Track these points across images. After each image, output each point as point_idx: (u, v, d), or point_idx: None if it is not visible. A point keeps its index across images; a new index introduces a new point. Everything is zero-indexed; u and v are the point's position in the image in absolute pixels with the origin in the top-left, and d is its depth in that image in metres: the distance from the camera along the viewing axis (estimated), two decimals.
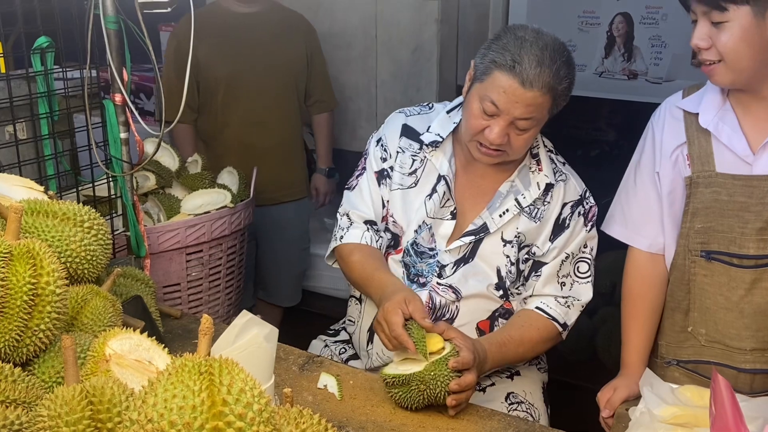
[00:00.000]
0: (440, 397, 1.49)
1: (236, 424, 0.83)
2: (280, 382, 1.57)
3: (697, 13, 1.50)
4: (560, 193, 1.80)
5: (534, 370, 1.94)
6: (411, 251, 1.82)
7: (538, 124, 1.68)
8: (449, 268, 1.79)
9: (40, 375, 1.22)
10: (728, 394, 1.14)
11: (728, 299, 1.61)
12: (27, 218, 1.44)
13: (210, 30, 2.88)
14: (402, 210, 1.84)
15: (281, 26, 3.00)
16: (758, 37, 1.46)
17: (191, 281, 2.48)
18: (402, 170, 1.85)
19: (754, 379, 1.62)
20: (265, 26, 2.96)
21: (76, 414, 0.94)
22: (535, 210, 1.79)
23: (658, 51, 3.11)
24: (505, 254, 1.78)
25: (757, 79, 1.52)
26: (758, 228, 1.54)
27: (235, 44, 2.93)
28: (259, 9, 2.96)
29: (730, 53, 1.48)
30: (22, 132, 2.27)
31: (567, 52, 1.66)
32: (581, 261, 1.82)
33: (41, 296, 1.19)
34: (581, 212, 1.81)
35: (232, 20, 2.94)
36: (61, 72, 2.10)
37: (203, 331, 0.94)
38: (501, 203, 1.78)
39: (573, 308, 1.81)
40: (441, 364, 1.49)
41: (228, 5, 2.96)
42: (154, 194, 2.49)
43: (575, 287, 1.82)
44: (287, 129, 3.06)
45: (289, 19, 3.05)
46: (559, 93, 1.64)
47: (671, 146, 1.65)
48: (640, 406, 1.53)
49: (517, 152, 1.72)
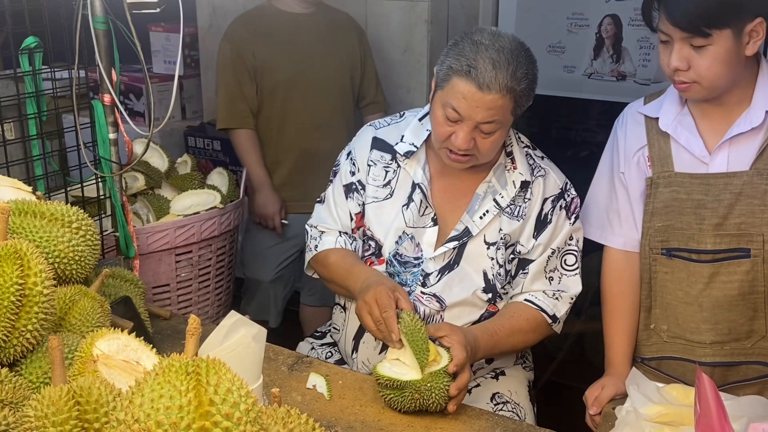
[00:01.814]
0: (433, 406, 1.49)
1: (223, 424, 0.84)
2: (270, 383, 1.57)
3: (674, 37, 1.53)
4: (540, 189, 1.79)
5: (519, 369, 1.94)
6: (394, 262, 1.80)
7: (503, 125, 1.68)
8: (433, 277, 1.78)
9: (27, 375, 1.22)
10: (713, 393, 1.15)
11: (688, 294, 1.67)
12: (14, 218, 1.43)
13: (266, 32, 2.81)
14: (377, 222, 1.83)
15: (334, 27, 2.91)
16: (736, 57, 1.52)
17: (180, 282, 2.48)
18: (375, 183, 1.85)
19: (714, 372, 1.67)
20: (319, 27, 2.87)
21: (63, 414, 0.94)
22: (516, 209, 1.79)
23: (647, 53, 3.13)
24: (489, 257, 1.78)
25: (725, 90, 1.59)
26: (714, 224, 1.61)
27: (293, 46, 2.82)
28: (312, 10, 2.87)
29: (709, 76, 1.53)
30: (10, 132, 2.26)
31: (525, 52, 1.66)
32: (568, 254, 1.82)
33: (28, 297, 1.18)
34: (563, 205, 1.81)
35: (288, 22, 2.84)
36: (50, 72, 2.10)
37: (191, 331, 0.94)
38: (480, 205, 1.78)
39: (562, 300, 1.81)
40: (437, 376, 1.49)
41: (281, 6, 2.86)
42: (143, 195, 2.49)
43: (564, 280, 1.82)
44: (345, 131, 2.83)
45: (340, 19, 2.96)
46: (519, 93, 1.64)
47: (633, 148, 1.72)
48: (627, 405, 1.54)
49: (485, 155, 1.72)
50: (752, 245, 1.60)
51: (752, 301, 1.63)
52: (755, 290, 1.62)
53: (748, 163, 1.59)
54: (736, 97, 1.60)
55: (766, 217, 1.58)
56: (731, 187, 1.60)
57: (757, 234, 1.59)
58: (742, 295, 1.62)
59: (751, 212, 1.59)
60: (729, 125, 1.61)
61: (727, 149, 1.61)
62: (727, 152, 1.61)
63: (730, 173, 1.60)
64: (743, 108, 1.60)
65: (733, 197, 1.59)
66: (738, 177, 1.59)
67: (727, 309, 1.64)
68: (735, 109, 1.61)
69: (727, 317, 1.64)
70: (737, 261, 1.61)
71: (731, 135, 1.60)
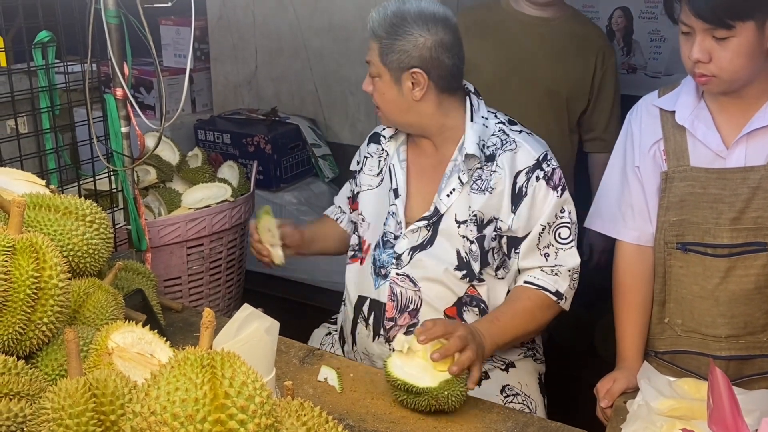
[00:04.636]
0: (447, 408, 1.48)
1: (238, 417, 0.84)
2: (281, 375, 1.57)
3: (696, 29, 1.52)
4: (507, 162, 1.78)
5: (530, 362, 1.94)
6: (381, 243, 1.87)
7: (383, 75, 1.78)
8: (405, 256, 1.82)
9: (43, 368, 1.23)
10: (726, 386, 1.15)
11: (704, 288, 1.66)
12: (29, 212, 1.44)
13: (484, 28, 2.57)
14: (373, 207, 1.93)
15: (572, 39, 2.54)
16: (758, 49, 1.51)
17: (192, 275, 2.49)
18: (371, 173, 1.97)
19: (729, 365, 1.67)
20: (551, 35, 2.54)
21: (80, 406, 0.94)
22: (483, 183, 1.78)
23: (657, 45, 3.11)
24: (461, 235, 1.78)
25: (745, 84, 1.57)
26: (731, 218, 1.60)
27: (506, 48, 2.54)
28: (551, 15, 2.55)
29: (730, 69, 1.51)
30: (23, 126, 2.27)
31: (434, 16, 1.76)
32: (561, 227, 1.80)
33: (44, 290, 1.19)
34: (540, 176, 1.78)
35: (513, 22, 2.56)
36: (62, 66, 2.10)
37: (205, 324, 0.94)
38: (446, 184, 1.81)
39: (561, 275, 1.79)
40: (453, 382, 1.48)
41: (515, 5, 2.57)
42: (154, 188, 2.49)
43: (560, 255, 1.80)
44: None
45: (585, 33, 2.58)
46: (387, 44, 1.74)
47: (649, 142, 1.70)
48: (638, 399, 1.54)
49: (381, 105, 1.83)
50: None
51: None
52: None
53: (765, 157, 1.58)
54: (755, 90, 1.58)
55: None
56: (749, 181, 1.59)
57: None
58: (758, 288, 1.61)
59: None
60: (747, 119, 1.59)
61: (745, 144, 1.59)
62: (745, 147, 1.59)
63: (748, 168, 1.59)
64: (762, 102, 1.58)
65: (751, 191, 1.58)
66: (756, 171, 1.58)
67: (744, 303, 1.63)
68: (754, 103, 1.59)
69: (743, 311, 1.64)
70: (754, 255, 1.60)
71: (750, 129, 1.58)
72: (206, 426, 0.83)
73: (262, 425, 0.85)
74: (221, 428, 0.83)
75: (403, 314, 1.82)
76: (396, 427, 1.45)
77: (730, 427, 1.12)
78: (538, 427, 1.47)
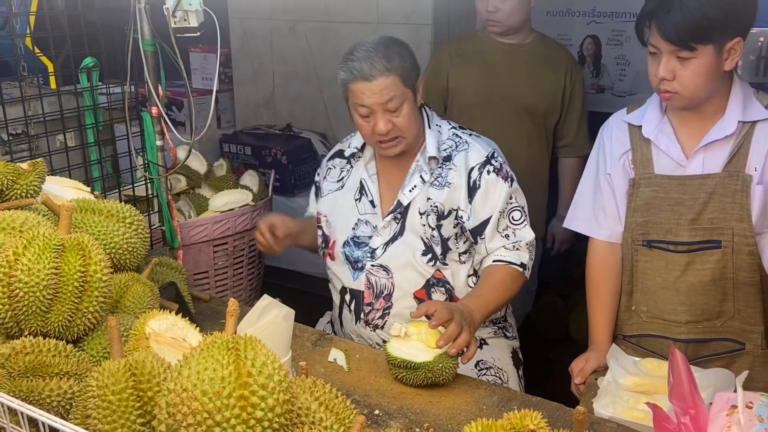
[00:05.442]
0: (443, 381, 1.48)
1: (259, 393, 0.84)
2: (296, 356, 1.57)
3: (662, 50, 1.52)
4: (462, 160, 1.80)
5: (501, 339, 1.93)
6: (351, 243, 1.87)
7: (406, 99, 1.72)
8: (379, 251, 1.83)
9: (89, 351, 1.23)
10: (684, 366, 1.15)
11: (666, 280, 1.66)
12: (77, 215, 1.44)
13: (466, 56, 2.59)
14: (334, 210, 1.91)
15: (541, 59, 2.54)
16: (716, 70, 1.51)
17: (218, 269, 2.49)
18: (332, 179, 1.95)
19: (687, 347, 1.66)
20: (522, 57, 2.54)
21: (121, 384, 0.94)
22: (441, 180, 1.81)
23: (623, 68, 3.11)
24: (422, 224, 1.80)
25: (703, 100, 1.57)
26: (690, 219, 1.60)
27: (485, 72, 2.54)
28: (520, 41, 2.55)
29: (691, 86, 1.52)
30: (71, 140, 2.28)
31: (393, 40, 1.74)
32: (513, 211, 1.82)
33: (90, 283, 1.19)
34: (491, 170, 1.80)
35: (490, 48, 2.56)
36: (105, 88, 2.11)
37: (230, 312, 0.94)
38: (409, 181, 1.83)
39: (522, 249, 1.81)
40: (446, 356, 1.48)
41: (490, 34, 2.57)
42: (185, 194, 2.49)
43: (517, 233, 1.81)
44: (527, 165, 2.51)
45: (552, 53, 2.58)
46: (401, 67, 1.69)
47: (619, 152, 1.71)
48: (607, 377, 1.54)
49: (405, 130, 1.75)
50: (723, 237, 1.59)
51: (722, 286, 1.62)
52: (725, 276, 1.61)
53: (720, 166, 1.58)
54: (713, 107, 1.58)
55: (736, 213, 1.57)
56: (706, 187, 1.59)
57: (728, 228, 1.58)
58: (713, 281, 1.61)
59: (723, 209, 1.58)
60: (705, 132, 1.59)
61: (703, 154, 1.60)
62: (703, 156, 1.60)
63: (705, 175, 1.59)
64: (718, 117, 1.58)
65: (707, 196, 1.58)
66: (712, 178, 1.58)
67: (701, 293, 1.63)
68: (710, 118, 1.59)
69: (700, 300, 1.63)
70: (710, 251, 1.60)
71: (707, 141, 1.58)
72: (231, 401, 0.83)
73: (280, 400, 0.85)
74: (244, 403, 0.83)
75: (378, 299, 1.83)
76: (396, 402, 1.45)
77: (688, 401, 1.12)
78: (521, 401, 1.47)
